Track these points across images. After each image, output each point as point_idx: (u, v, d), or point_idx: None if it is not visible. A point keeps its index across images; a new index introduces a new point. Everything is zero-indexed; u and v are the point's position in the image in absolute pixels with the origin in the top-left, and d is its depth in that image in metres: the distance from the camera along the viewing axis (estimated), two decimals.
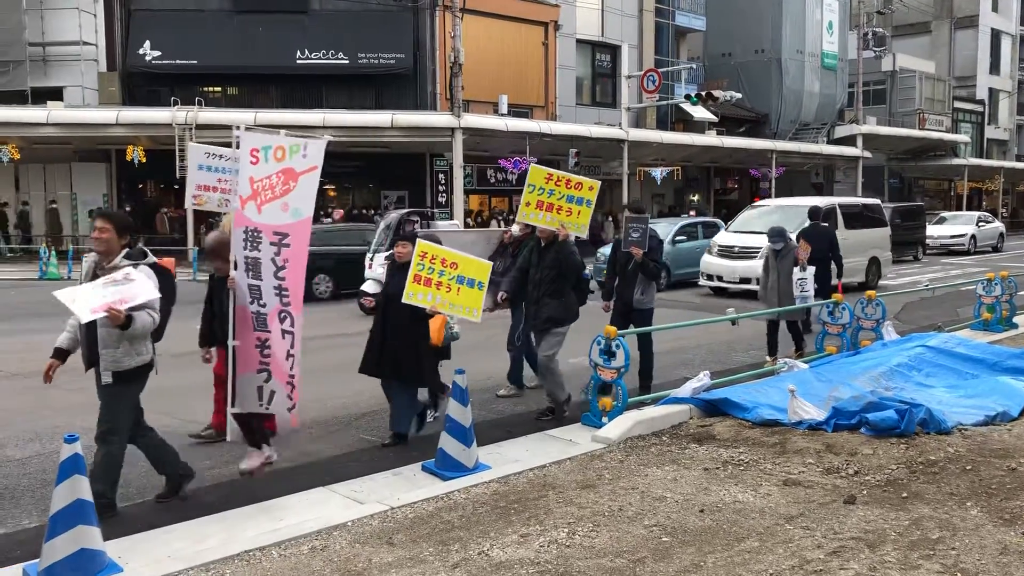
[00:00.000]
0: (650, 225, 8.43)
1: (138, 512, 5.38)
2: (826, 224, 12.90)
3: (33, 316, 14.14)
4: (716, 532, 4.79)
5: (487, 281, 6.64)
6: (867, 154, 39.95)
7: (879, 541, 4.57)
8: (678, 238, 19.72)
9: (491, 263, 6.87)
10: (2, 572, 4.40)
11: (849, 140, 40.09)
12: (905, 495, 5.29)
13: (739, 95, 31.49)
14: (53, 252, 22.38)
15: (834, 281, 12.32)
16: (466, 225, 26.42)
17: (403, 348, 6.68)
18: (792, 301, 9.85)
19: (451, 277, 6.53)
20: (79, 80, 26.53)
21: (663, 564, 4.36)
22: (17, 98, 25.75)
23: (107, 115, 24.51)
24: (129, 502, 5.55)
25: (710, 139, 34.37)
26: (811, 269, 9.83)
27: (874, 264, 18.70)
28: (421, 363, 6.73)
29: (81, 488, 4.25)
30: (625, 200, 30.64)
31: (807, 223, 12.67)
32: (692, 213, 28.76)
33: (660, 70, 31.22)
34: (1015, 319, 11.95)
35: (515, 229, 8.45)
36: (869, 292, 10.17)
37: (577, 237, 7.74)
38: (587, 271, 8.07)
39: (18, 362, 10.04)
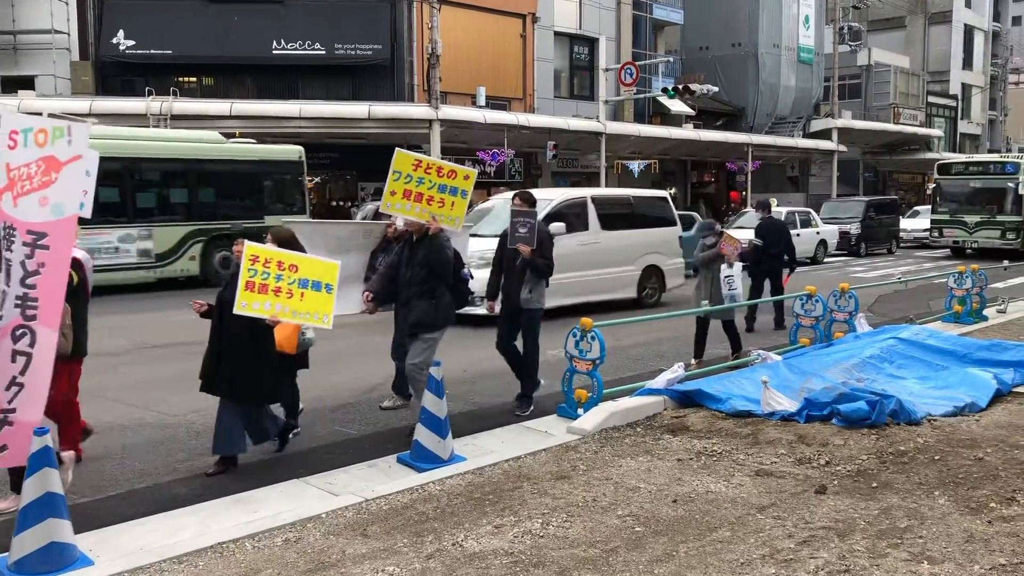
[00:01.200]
0: (538, 219, 7.71)
1: (110, 505, 5.34)
2: (779, 218, 13.04)
3: None
4: (688, 522, 4.83)
5: (336, 283, 5.90)
6: (842, 148, 40.26)
7: (848, 530, 4.62)
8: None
9: (338, 263, 6.02)
10: None
11: (825, 134, 40.37)
12: (875, 485, 5.36)
13: (716, 89, 31.63)
14: None
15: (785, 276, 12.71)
16: None
17: (238, 364, 5.87)
18: (721, 301, 9.48)
19: (292, 281, 5.76)
20: (51, 69, 26.17)
21: (636, 554, 4.39)
22: None
23: (80, 105, 24.18)
24: (101, 495, 5.51)
25: (687, 132, 34.47)
26: (738, 266, 9.51)
27: (654, 275, 14.62)
28: (261, 380, 5.95)
29: (51, 481, 4.23)
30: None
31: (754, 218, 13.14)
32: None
33: (638, 63, 31.31)
34: (985, 311, 12.11)
35: (400, 223, 7.46)
36: (842, 284, 10.25)
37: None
38: (467, 269, 7.40)
39: None
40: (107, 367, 8.91)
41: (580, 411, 7.03)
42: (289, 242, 6.24)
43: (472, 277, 7.70)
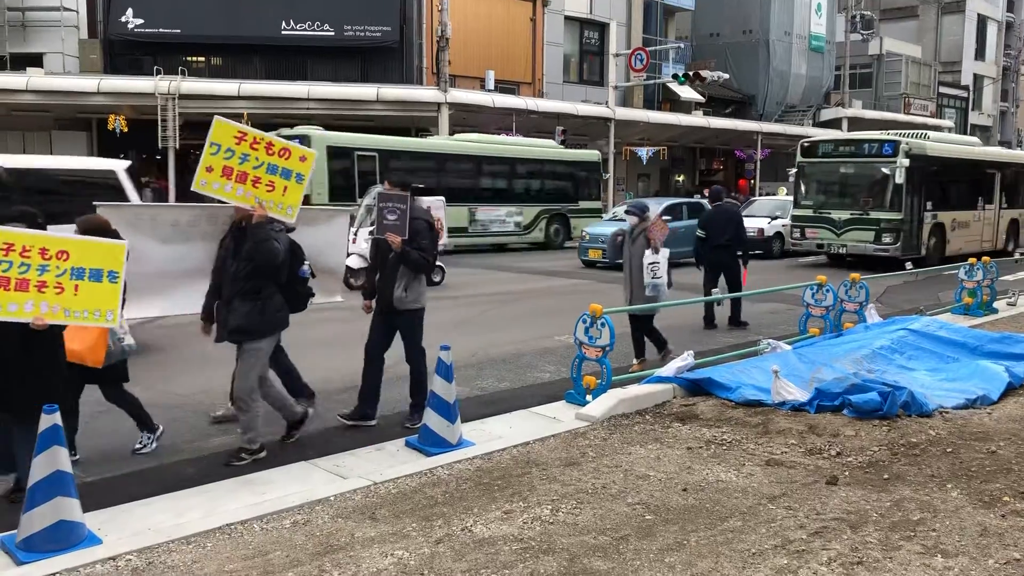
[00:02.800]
0: (429, 203, 6.83)
1: (118, 485, 5.32)
2: (732, 202, 11.83)
3: None
4: (699, 511, 4.79)
5: (123, 268, 4.90)
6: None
7: (861, 522, 4.59)
8: (663, 218, 19.68)
9: (124, 242, 5.07)
10: None
11: (835, 123, 40.21)
12: (887, 476, 5.32)
13: (726, 75, 31.48)
14: None
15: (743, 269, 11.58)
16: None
17: (11, 376, 4.81)
18: (642, 290, 8.46)
19: (62, 272, 4.70)
20: (59, 47, 26.12)
21: (646, 542, 4.36)
22: None
23: (88, 83, 24.18)
24: (109, 474, 5.50)
25: (696, 119, 34.34)
26: (665, 252, 8.33)
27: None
28: (39, 397, 4.46)
29: (60, 459, 4.21)
30: (611, 179, 30.67)
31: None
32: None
33: (648, 49, 31.15)
34: (995, 304, 12.04)
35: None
36: (853, 275, 10.19)
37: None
38: (305, 267, 6.09)
39: None
40: None
41: (589, 398, 6.99)
42: (102, 231, 5.32)
43: (314, 275, 6.36)
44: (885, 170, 18.49)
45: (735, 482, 5.27)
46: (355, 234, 15.40)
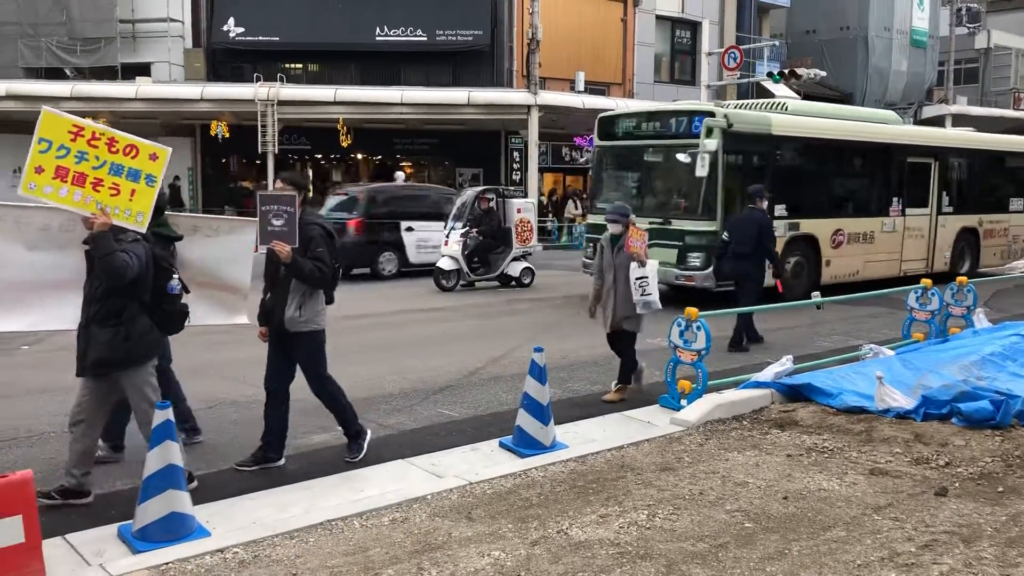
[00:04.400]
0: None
1: (223, 479, 5.50)
2: (759, 208, 10.19)
3: None
4: (800, 520, 4.68)
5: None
6: None
7: (974, 536, 4.40)
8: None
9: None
10: (98, 531, 4.55)
11: (938, 121, 38.60)
12: (1001, 489, 5.10)
13: (823, 73, 30.62)
14: None
15: (769, 280, 10.34)
16: (540, 205, 26.37)
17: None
18: (632, 309, 7.42)
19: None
20: (166, 56, 27.20)
21: (746, 550, 4.28)
22: (108, 74, 26.58)
23: (192, 91, 25.12)
24: (214, 469, 5.69)
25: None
26: (652, 265, 7.32)
27: None
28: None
29: (172, 453, 4.37)
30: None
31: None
32: None
33: (742, 47, 30.56)
34: None
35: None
36: (960, 278, 9.78)
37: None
38: (173, 282, 5.04)
39: None
40: (213, 344, 9.19)
41: (683, 402, 6.90)
42: None
43: (187, 291, 5.23)
44: (681, 157, 13.02)
45: (838, 491, 5.12)
46: (447, 234, 15.61)
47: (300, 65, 28.65)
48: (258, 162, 26.78)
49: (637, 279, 7.25)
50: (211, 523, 4.62)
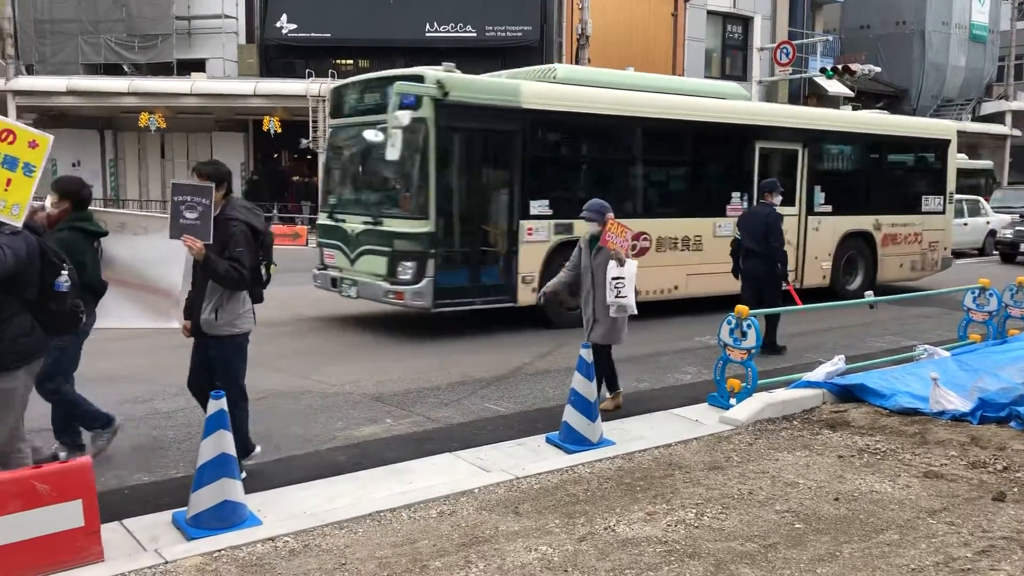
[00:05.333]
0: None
1: (274, 469, 5.58)
2: (766, 202, 9.49)
3: None
4: (852, 522, 4.61)
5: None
6: (1016, 132, 37.55)
7: None
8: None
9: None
10: (153, 517, 4.64)
11: (997, 117, 37.78)
12: None
13: (878, 69, 30.05)
14: None
15: (786, 285, 9.44)
16: None
17: None
18: (604, 311, 6.77)
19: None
20: (220, 52, 27.66)
21: (796, 551, 4.23)
22: (164, 70, 27.10)
23: (245, 86, 25.50)
24: (268, 458, 5.78)
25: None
26: (631, 265, 6.64)
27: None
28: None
29: (226, 442, 4.44)
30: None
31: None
32: None
33: (794, 42, 30.10)
34: None
35: (48, 203, 5.37)
36: (1020, 278, 9.54)
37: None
38: (62, 278, 4.44)
39: None
40: (266, 337, 9.32)
41: (733, 401, 6.83)
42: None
43: (75, 284, 4.57)
44: (376, 138, 10.43)
45: (890, 493, 5.04)
46: None
47: (351, 61, 28.88)
48: (309, 157, 27.10)
49: (613, 279, 6.59)
50: (262, 512, 4.69)
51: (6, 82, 25.23)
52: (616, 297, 6.58)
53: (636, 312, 6.71)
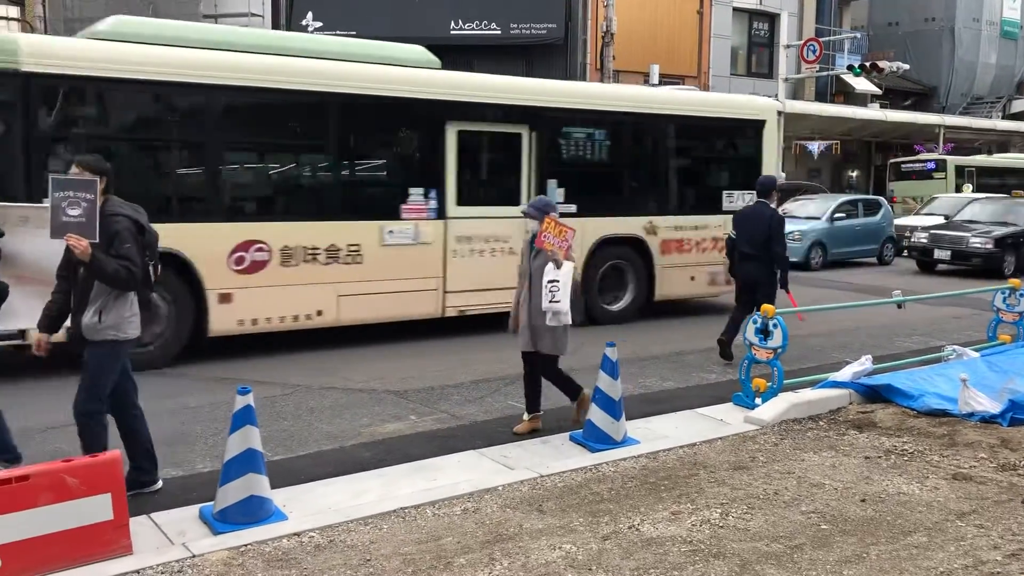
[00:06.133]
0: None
1: (300, 465, 5.61)
2: (767, 202, 8.91)
3: None
4: (879, 523, 4.57)
5: None
6: None
7: None
8: (836, 215, 19.02)
9: None
10: (181, 511, 4.69)
11: None
12: None
13: (906, 66, 29.72)
14: None
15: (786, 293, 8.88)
16: None
17: None
18: (540, 317, 6.14)
19: None
20: None
21: (822, 552, 4.20)
22: None
23: None
24: (292, 454, 5.82)
25: (872, 112, 32.66)
26: (568, 267, 6.02)
27: None
28: None
29: (252, 438, 4.48)
30: (780, 175, 29.66)
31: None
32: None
33: (821, 39, 29.86)
34: None
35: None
36: None
37: None
38: None
39: None
40: (289, 334, 9.37)
41: (758, 401, 6.80)
42: None
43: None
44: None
45: (918, 495, 4.99)
46: None
47: None
48: None
49: (548, 282, 5.99)
50: (288, 507, 4.73)
51: None
52: (550, 303, 5.98)
53: (570, 321, 6.11)
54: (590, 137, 11.15)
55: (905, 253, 19.41)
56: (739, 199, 11.84)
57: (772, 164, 12.52)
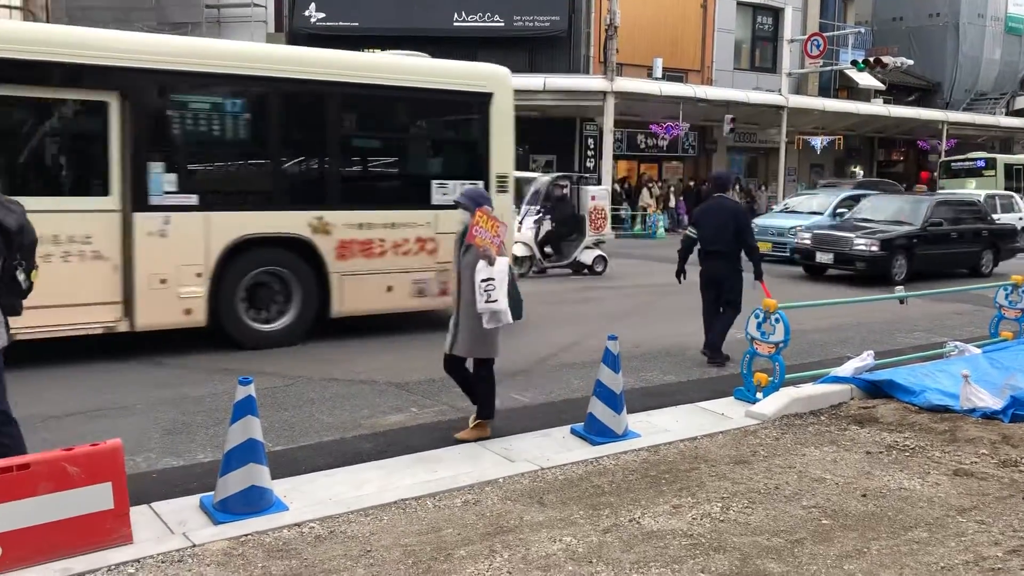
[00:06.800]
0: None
1: (300, 455, 5.61)
2: (727, 195, 8.75)
3: None
4: (880, 518, 4.56)
5: None
6: None
7: None
8: (839, 210, 18.98)
9: None
10: (180, 501, 4.68)
11: None
12: None
13: (910, 62, 29.69)
14: None
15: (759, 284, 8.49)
16: (614, 193, 26.17)
17: None
18: (479, 325, 5.75)
19: None
20: (249, 40, 27.78)
21: (823, 547, 4.19)
22: None
23: None
24: (293, 444, 5.81)
25: (876, 108, 32.63)
26: (503, 263, 5.63)
27: None
28: None
29: (253, 428, 4.47)
30: (782, 169, 29.64)
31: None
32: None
33: (825, 34, 29.81)
34: None
35: None
36: None
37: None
38: None
39: None
40: None
41: (759, 395, 6.79)
42: None
43: None
44: None
45: (919, 491, 4.98)
46: (520, 221, 15.62)
47: (379, 49, 28.87)
48: None
49: (483, 280, 5.57)
50: (288, 498, 4.72)
51: None
52: (486, 303, 5.57)
53: (511, 320, 5.69)
54: (222, 109, 8.73)
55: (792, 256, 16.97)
56: (455, 190, 9.26)
57: (505, 149, 10.06)
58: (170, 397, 6.83)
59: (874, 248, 15.04)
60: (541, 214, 15.59)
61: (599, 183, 21.88)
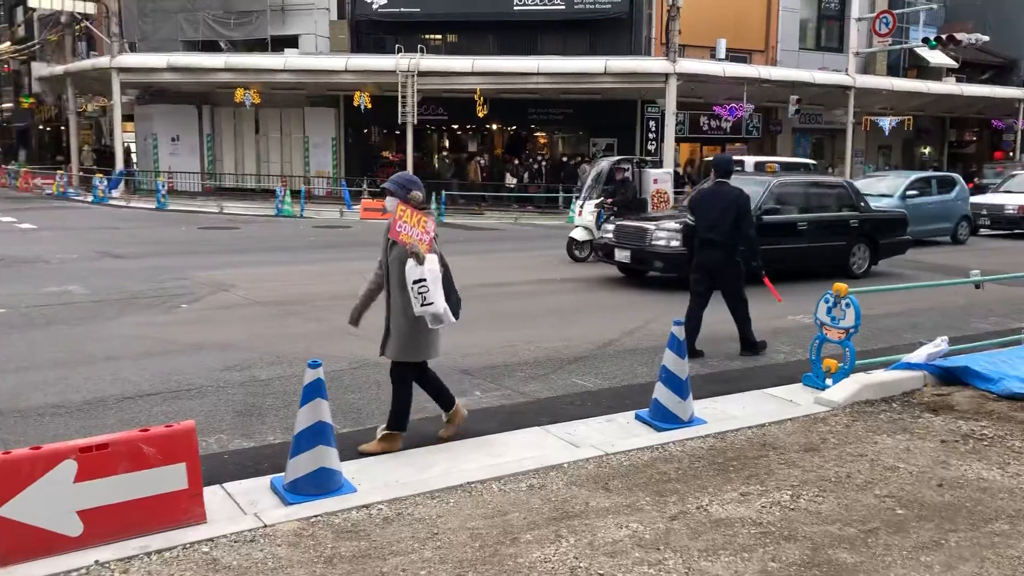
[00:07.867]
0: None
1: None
2: (728, 182, 8.26)
3: (280, 249, 15.28)
4: (958, 509, 4.44)
5: None
6: None
7: None
8: (909, 193, 18.47)
9: None
10: (252, 482, 4.77)
11: None
12: None
13: (986, 38, 28.64)
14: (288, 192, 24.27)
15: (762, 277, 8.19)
16: (676, 176, 25.89)
17: None
18: (405, 325, 5.38)
19: None
20: (312, 28, 28.12)
21: (898, 538, 4.09)
22: (259, 46, 27.73)
23: (337, 62, 25.85)
24: (360, 427, 5.88)
25: (948, 87, 31.62)
26: (432, 261, 5.12)
27: None
28: None
29: (322, 410, 4.53)
30: (849, 151, 28.95)
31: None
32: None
33: (895, 11, 28.92)
34: None
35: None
36: None
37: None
38: None
39: (265, 291, 10.83)
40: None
41: (828, 382, 6.65)
42: None
43: None
44: None
45: (999, 481, 4.83)
46: (581, 205, 15.55)
47: (440, 36, 28.99)
48: (398, 132, 27.37)
49: (414, 283, 5.10)
50: (356, 479, 4.78)
51: (111, 59, 26.15)
52: (422, 306, 5.11)
53: (453, 320, 5.29)
54: None
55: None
56: None
57: None
58: (240, 379, 6.96)
59: (675, 243, 11.33)
60: (603, 198, 15.48)
61: (661, 166, 21.64)
